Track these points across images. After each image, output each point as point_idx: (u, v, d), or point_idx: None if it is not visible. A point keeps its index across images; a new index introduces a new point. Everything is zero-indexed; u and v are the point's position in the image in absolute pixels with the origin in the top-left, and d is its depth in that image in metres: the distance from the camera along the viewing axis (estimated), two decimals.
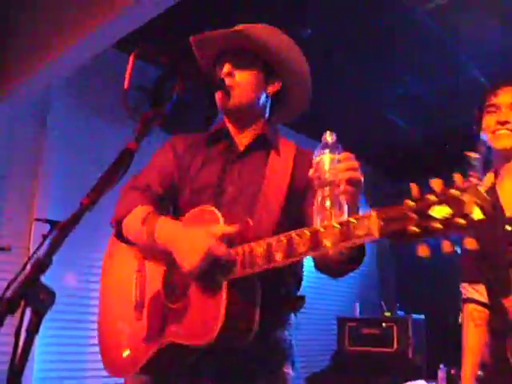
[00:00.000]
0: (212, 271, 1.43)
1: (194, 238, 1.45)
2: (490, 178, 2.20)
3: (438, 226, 1.06)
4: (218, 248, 1.41)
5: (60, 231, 1.05)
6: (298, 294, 1.78)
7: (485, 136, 2.18)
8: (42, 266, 1.01)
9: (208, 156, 1.78)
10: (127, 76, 1.29)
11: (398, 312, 5.94)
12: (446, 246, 1.08)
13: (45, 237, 3.25)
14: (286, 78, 1.83)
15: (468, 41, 4.62)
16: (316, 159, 1.39)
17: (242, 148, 1.79)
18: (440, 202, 1.07)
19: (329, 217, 1.32)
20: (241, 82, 1.72)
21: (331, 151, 1.38)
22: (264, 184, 1.70)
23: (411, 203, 1.11)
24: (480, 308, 2.13)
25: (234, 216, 1.57)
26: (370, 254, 7.17)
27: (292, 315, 1.75)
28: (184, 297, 1.51)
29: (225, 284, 1.41)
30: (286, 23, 1.77)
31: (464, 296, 2.21)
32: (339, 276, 1.65)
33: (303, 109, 1.94)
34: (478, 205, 1.02)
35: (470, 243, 1.05)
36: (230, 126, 1.82)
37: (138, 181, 1.78)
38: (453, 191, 1.06)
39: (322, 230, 1.25)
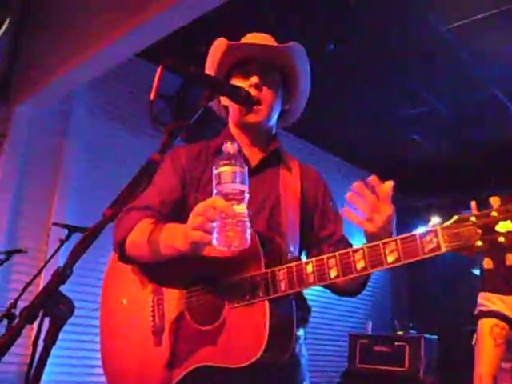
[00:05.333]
0: (253, 291, 1.41)
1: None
2: None
3: (503, 240, 1.15)
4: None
5: (81, 242, 1.04)
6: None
7: None
8: (62, 276, 0.99)
9: None
10: (154, 87, 1.28)
11: (411, 331, 5.87)
12: (488, 263, 1.18)
13: (62, 241, 3.27)
14: (293, 97, 1.83)
15: (487, 59, 4.62)
16: (217, 170, 1.31)
17: (254, 163, 1.74)
18: (504, 218, 1.15)
19: (228, 241, 1.27)
20: (267, 97, 1.68)
21: (232, 163, 1.31)
22: (281, 199, 1.70)
23: (475, 219, 1.19)
24: (502, 324, 1.96)
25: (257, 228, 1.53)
26: (384, 273, 7.12)
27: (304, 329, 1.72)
28: (217, 318, 1.46)
29: (267, 303, 1.39)
30: (311, 38, 1.76)
31: (484, 308, 2.02)
32: (348, 296, 1.70)
33: (291, 123, 1.93)
34: None
35: None
36: (240, 139, 1.77)
37: (136, 202, 1.61)
38: None
39: (382, 244, 1.28)
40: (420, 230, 1.27)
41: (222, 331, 1.44)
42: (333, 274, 1.32)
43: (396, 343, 5.51)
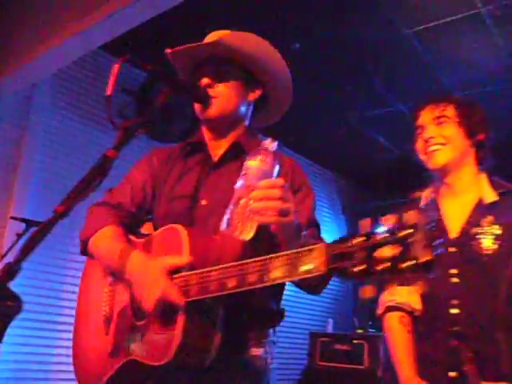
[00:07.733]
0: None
1: (152, 278, 1.39)
2: (427, 193, 2.17)
3: (380, 268, 0.97)
4: (171, 294, 1.35)
5: (32, 238, 1.03)
6: (277, 307, 1.74)
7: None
8: (11, 272, 0.98)
9: (185, 167, 1.75)
10: (111, 83, 1.27)
11: (370, 330, 5.93)
12: (368, 291, 1.00)
13: (19, 236, 3.21)
14: (268, 83, 1.81)
15: (450, 63, 4.69)
16: (247, 163, 1.37)
17: (216, 159, 1.75)
18: (386, 243, 0.97)
19: (233, 231, 1.33)
20: (221, 92, 1.70)
21: (263, 159, 1.35)
22: None
23: (360, 240, 1.01)
24: (407, 318, 2.02)
25: (209, 229, 1.56)
26: None
27: (271, 331, 1.68)
28: (146, 315, 1.46)
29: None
30: (276, 37, 1.76)
31: (391, 303, 2.07)
32: (316, 292, 1.69)
33: (284, 111, 1.91)
34: (424, 247, 0.94)
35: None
36: (207, 135, 1.80)
37: (111, 197, 1.75)
38: (402, 232, 0.96)
39: (269, 259, 1.21)
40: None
41: (148, 328, 1.45)
42: (230, 284, 1.28)
43: (355, 341, 5.56)
